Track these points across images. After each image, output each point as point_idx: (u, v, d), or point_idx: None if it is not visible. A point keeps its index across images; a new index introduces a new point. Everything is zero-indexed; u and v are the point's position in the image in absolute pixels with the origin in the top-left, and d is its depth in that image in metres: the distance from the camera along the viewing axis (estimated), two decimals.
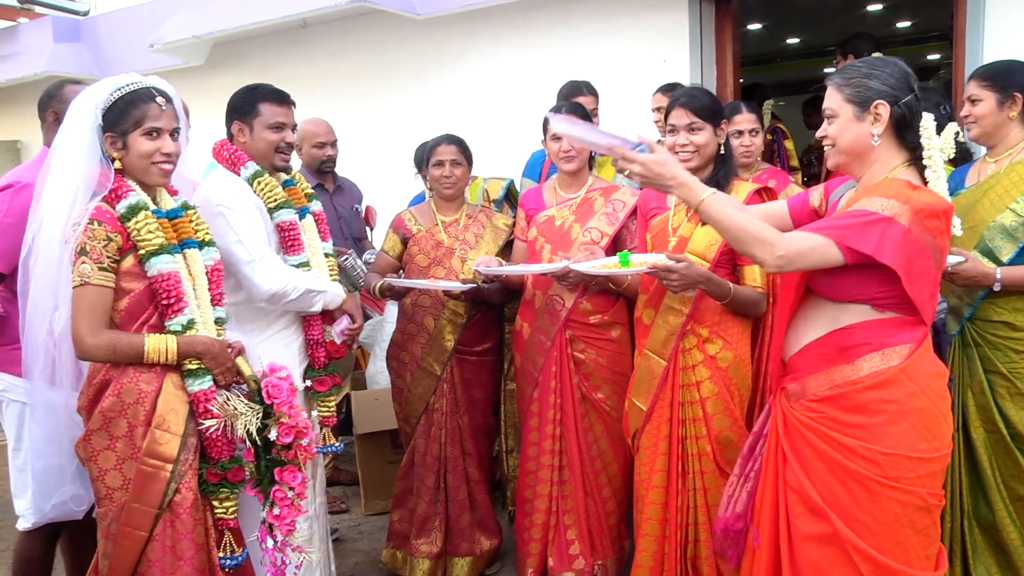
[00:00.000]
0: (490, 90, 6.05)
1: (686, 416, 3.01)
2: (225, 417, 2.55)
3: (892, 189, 2.17)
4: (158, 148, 2.54)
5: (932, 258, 2.16)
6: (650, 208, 3.21)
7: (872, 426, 2.18)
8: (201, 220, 2.76)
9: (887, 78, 2.25)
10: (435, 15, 5.99)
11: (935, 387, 2.22)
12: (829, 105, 2.32)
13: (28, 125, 9.08)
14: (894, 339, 2.20)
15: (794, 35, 9.88)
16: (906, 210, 2.11)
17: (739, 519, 2.52)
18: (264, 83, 3.20)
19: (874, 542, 2.16)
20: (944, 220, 2.18)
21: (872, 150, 2.27)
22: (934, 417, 2.20)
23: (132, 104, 2.53)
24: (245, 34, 6.74)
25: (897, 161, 2.27)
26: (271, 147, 3.10)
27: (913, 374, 2.19)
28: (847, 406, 2.21)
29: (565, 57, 5.66)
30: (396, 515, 3.94)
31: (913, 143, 2.27)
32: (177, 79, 7.35)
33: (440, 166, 3.72)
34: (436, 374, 3.73)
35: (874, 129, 2.25)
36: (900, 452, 2.16)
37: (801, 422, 2.28)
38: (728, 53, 5.29)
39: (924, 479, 2.18)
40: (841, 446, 2.20)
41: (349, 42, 6.65)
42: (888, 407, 2.17)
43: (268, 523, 2.67)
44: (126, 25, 7.62)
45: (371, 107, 6.60)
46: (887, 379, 2.18)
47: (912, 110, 2.25)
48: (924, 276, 2.15)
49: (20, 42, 8.20)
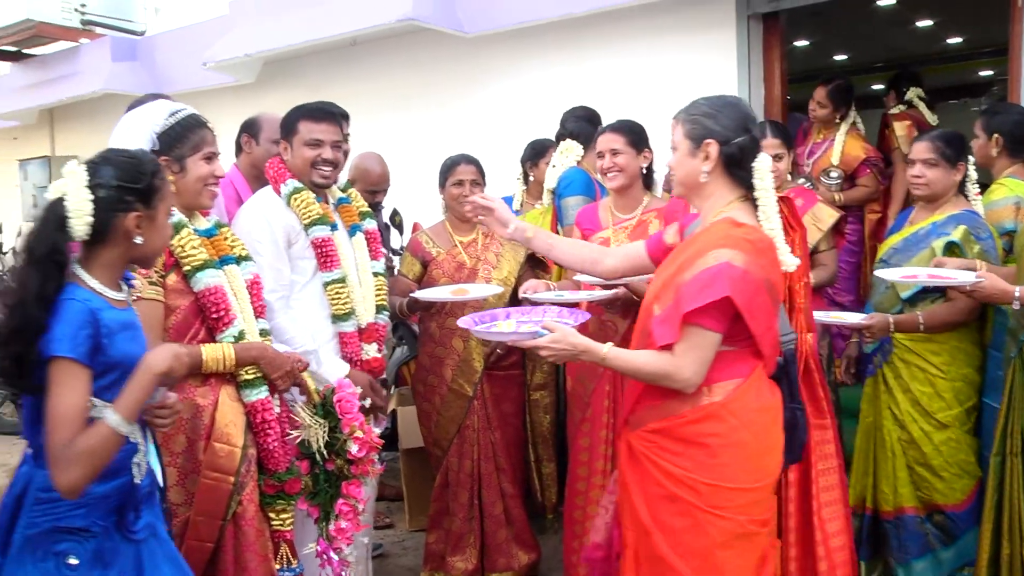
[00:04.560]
0: (537, 107, 5.99)
1: None
2: (304, 427, 2.58)
3: (718, 235, 2.27)
4: (212, 171, 2.59)
5: (768, 295, 2.26)
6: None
7: (695, 457, 2.26)
8: (235, 237, 2.79)
9: (723, 119, 2.33)
10: (483, 33, 5.98)
11: (759, 421, 2.30)
12: (673, 138, 2.43)
13: (85, 141, 9.28)
14: (722, 375, 2.28)
15: (841, 52, 9.76)
16: (738, 253, 2.21)
17: (597, 548, 2.63)
18: (314, 101, 3.21)
19: (694, 564, 2.24)
20: (771, 255, 2.31)
21: (704, 185, 2.37)
22: (756, 451, 2.29)
23: (190, 129, 2.58)
24: (296, 52, 6.80)
25: (732, 196, 2.36)
26: (307, 163, 3.10)
27: (735, 409, 2.27)
28: (674, 438, 2.30)
29: (612, 74, 5.62)
30: (432, 536, 3.91)
31: (746, 181, 2.34)
32: (229, 97, 7.50)
33: (460, 185, 3.70)
34: (468, 395, 3.70)
35: (704, 166, 2.34)
36: (721, 483, 2.24)
37: (638, 450, 2.37)
38: (776, 70, 5.23)
39: (745, 507, 2.26)
40: (668, 474, 2.28)
41: (398, 60, 6.67)
42: (710, 440, 2.26)
43: (328, 535, 2.68)
44: (180, 44, 7.73)
45: (419, 124, 6.62)
46: (707, 415, 2.27)
47: (744, 151, 2.33)
48: (762, 312, 2.25)
49: (80, 62, 8.36)
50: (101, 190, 2.02)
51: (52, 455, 1.89)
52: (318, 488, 2.67)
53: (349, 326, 3.17)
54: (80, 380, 1.92)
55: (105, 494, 2.02)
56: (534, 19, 5.68)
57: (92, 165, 2.06)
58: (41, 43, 8.66)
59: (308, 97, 3.25)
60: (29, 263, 1.96)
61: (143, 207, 2.07)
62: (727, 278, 2.18)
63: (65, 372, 1.91)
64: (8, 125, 9.75)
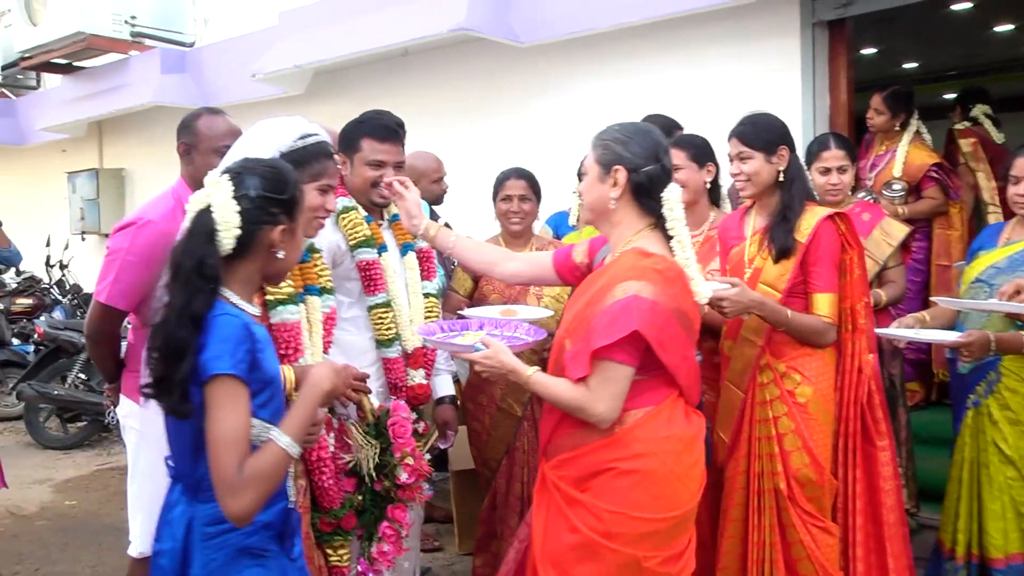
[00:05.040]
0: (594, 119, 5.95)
1: (762, 452, 3.03)
2: (356, 449, 2.61)
3: (626, 267, 2.33)
4: (324, 203, 2.56)
5: (680, 324, 2.32)
6: (730, 239, 3.25)
7: (601, 485, 2.30)
8: (324, 265, 2.81)
9: (634, 146, 2.39)
10: (538, 43, 6.03)
11: (667, 450, 2.32)
12: (585, 162, 2.49)
13: (132, 153, 9.55)
14: (633, 403, 2.32)
15: (911, 60, 9.65)
16: (646, 285, 2.27)
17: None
18: (375, 114, 3.20)
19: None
20: (681, 284, 2.36)
21: (612, 212, 2.43)
22: (664, 479, 2.31)
23: (315, 157, 2.53)
24: (346, 63, 6.91)
25: (641, 225, 2.43)
26: (367, 184, 3.10)
27: (640, 436, 2.31)
28: (581, 467, 2.34)
29: (670, 85, 5.64)
30: (479, 560, 3.94)
31: (655, 210, 2.39)
32: (278, 108, 7.65)
33: (508, 201, 3.75)
34: (517, 415, 3.74)
35: (612, 192, 2.40)
36: (625, 511, 2.27)
37: (550, 480, 2.42)
38: (842, 79, 5.21)
39: (645, 539, 2.28)
40: (574, 501, 2.32)
41: (450, 71, 6.75)
42: (616, 466, 2.30)
43: (371, 557, 2.72)
44: (229, 56, 7.91)
45: (472, 136, 6.67)
46: (613, 441, 2.31)
47: (653, 180, 2.38)
48: (675, 342, 2.31)
49: (130, 74, 8.61)
50: (246, 201, 1.96)
51: (223, 482, 1.83)
52: (364, 508, 2.71)
53: (393, 352, 3.15)
54: (243, 399, 1.88)
55: (268, 521, 2.00)
56: (590, 28, 5.73)
57: (236, 175, 2.00)
58: (91, 55, 8.93)
59: (358, 110, 3.25)
60: (176, 279, 1.91)
61: (287, 219, 2.03)
62: (635, 311, 2.24)
63: (227, 391, 1.86)
64: (57, 138, 10.05)
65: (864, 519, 3.01)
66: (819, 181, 3.83)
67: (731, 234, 3.25)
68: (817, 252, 2.97)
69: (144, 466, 3.13)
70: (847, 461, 3.02)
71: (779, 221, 3.04)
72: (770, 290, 3.00)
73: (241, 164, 2.06)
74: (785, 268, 2.99)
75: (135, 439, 3.21)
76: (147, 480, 3.07)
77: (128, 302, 3.09)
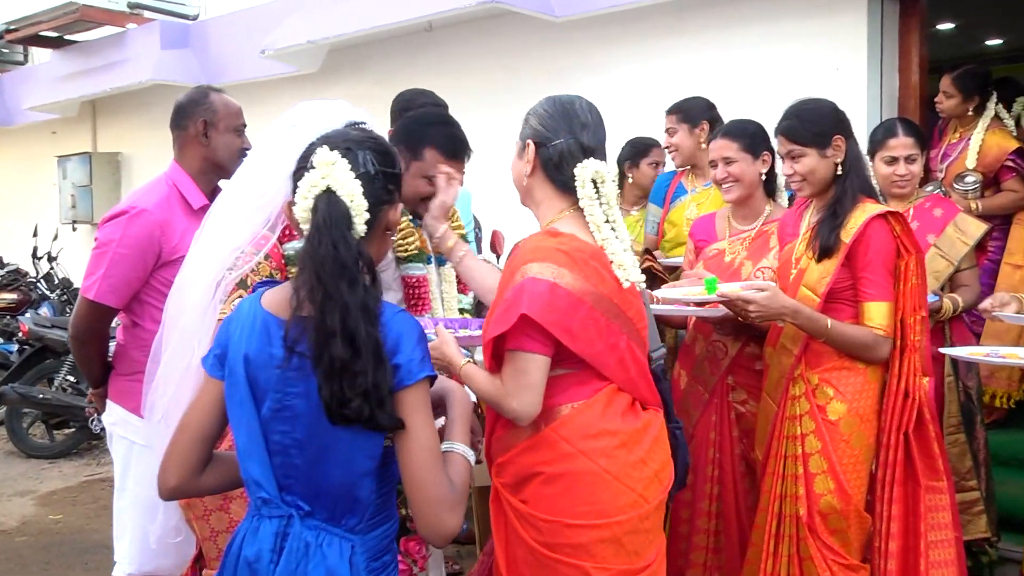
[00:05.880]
0: (634, 100, 6.00)
1: (787, 472, 2.99)
2: None
3: (529, 248, 2.32)
4: None
5: (596, 308, 2.27)
6: (786, 235, 3.23)
7: (533, 491, 2.29)
8: None
9: (546, 119, 2.42)
10: (574, 17, 6.02)
11: (599, 447, 2.27)
12: None
13: (129, 136, 9.60)
14: (559, 399, 2.29)
15: (995, 35, 9.53)
16: (547, 266, 2.24)
17: None
18: (443, 120, 3.13)
19: None
20: (599, 262, 2.31)
21: (530, 189, 2.45)
22: (598, 481, 2.26)
23: None
24: (364, 39, 6.89)
25: (563, 205, 2.42)
26: (418, 197, 2.98)
27: (567, 435, 2.28)
28: (514, 471, 2.35)
29: (720, 65, 5.61)
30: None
31: (571, 188, 2.37)
32: (290, 88, 7.66)
33: None
34: None
35: (525, 168, 2.42)
36: (560, 519, 2.24)
37: (494, 486, 2.44)
38: (913, 58, 5.16)
39: (590, 548, 2.23)
40: (516, 511, 2.32)
41: (478, 47, 6.74)
42: (543, 469, 2.28)
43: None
44: (236, 30, 7.94)
45: (502, 118, 6.60)
46: (537, 442, 2.30)
47: (563, 155, 2.38)
48: (586, 328, 2.26)
49: (128, 49, 8.66)
50: (367, 179, 1.86)
51: (441, 499, 1.78)
52: None
53: None
54: (430, 405, 1.85)
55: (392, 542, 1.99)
56: (632, 2, 5.72)
57: (347, 151, 1.87)
58: (85, 28, 9.00)
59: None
60: (335, 276, 1.77)
61: (400, 197, 1.98)
62: (526, 294, 2.21)
63: (424, 397, 1.82)
64: (47, 118, 10.12)
65: (898, 565, 2.91)
66: (884, 172, 3.73)
67: (788, 230, 3.22)
68: (866, 256, 2.90)
69: (135, 479, 3.11)
70: (883, 496, 2.92)
71: (827, 217, 2.99)
72: (810, 294, 2.95)
73: (340, 135, 1.94)
74: (826, 270, 2.93)
75: (124, 449, 3.19)
76: (138, 494, 3.05)
77: (119, 299, 3.07)
